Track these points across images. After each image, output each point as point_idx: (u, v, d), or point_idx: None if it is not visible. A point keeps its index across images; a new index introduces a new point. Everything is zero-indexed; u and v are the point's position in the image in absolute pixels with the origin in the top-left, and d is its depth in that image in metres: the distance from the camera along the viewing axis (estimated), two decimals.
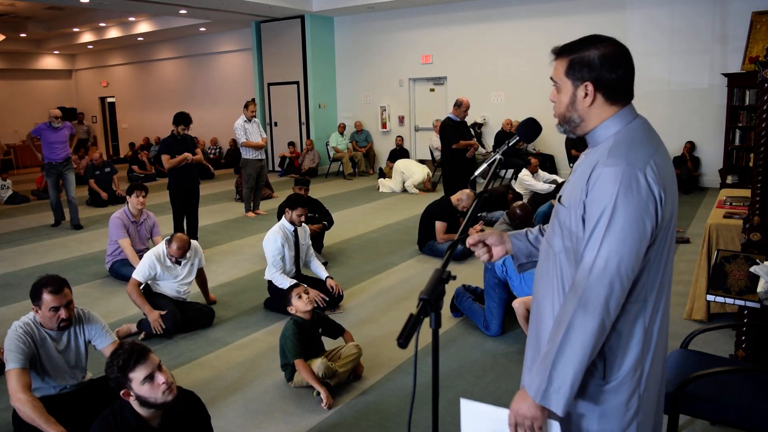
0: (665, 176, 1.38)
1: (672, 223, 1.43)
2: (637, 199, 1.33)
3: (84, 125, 14.08)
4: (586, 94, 1.44)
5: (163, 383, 2.12)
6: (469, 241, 1.70)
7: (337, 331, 3.59)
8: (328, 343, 3.61)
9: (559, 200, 1.54)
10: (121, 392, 2.13)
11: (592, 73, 1.42)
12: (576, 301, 1.36)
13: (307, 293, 3.42)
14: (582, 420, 1.46)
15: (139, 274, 4.16)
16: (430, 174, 10.30)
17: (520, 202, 5.01)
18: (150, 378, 2.10)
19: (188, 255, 4.32)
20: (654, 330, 1.45)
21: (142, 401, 2.13)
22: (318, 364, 3.18)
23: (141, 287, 4.18)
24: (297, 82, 12.71)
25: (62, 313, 2.70)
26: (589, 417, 1.45)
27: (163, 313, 4.06)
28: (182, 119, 6.28)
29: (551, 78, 1.51)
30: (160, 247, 4.27)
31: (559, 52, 1.48)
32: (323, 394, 3.11)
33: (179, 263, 4.28)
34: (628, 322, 1.41)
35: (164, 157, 6.22)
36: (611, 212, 1.34)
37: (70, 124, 7.86)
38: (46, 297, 2.65)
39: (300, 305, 3.38)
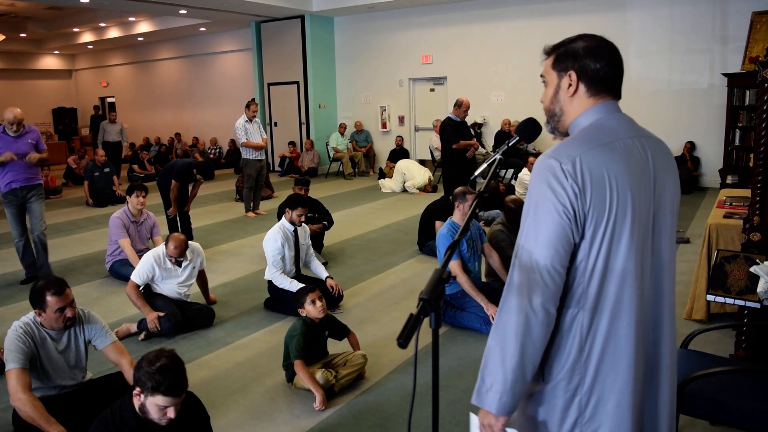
0: (597, 173, 1.31)
1: (615, 229, 1.33)
2: (551, 190, 1.31)
3: (117, 124, 12.26)
4: (570, 84, 1.44)
5: (169, 417, 2.13)
6: None
7: (342, 332, 3.59)
8: (333, 345, 3.61)
9: None
10: (135, 391, 2.14)
11: (576, 63, 1.43)
12: (505, 299, 1.37)
13: (321, 300, 3.40)
14: (530, 421, 1.46)
15: (137, 276, 4.16)
16: (432, 178, 10.30)
17: (513, 196, 5.03)
18: (165, 408, 2.12)
19: (189, 257, 4.31)
20: (597, 341, 1.36)
21: (144, 412, 2.14)
22: (319, 376, 3.18)
23: (140, 288, 4.18)
24: (297, 82, 12.71)
25: (68, 313, 2.71)
26: (535, 417, 1.44)
27: (161, 314, 4.06)
28: (208, 173, 6.49)
29: (541, 75, 1.52)
30: (160, 249, 4.27)
31: (550, 50, 1.50)
32: (318, 397, 3.11)
33: (179, 265, 4.27)
34: (564, 327, 1.38)
35: (173, 183, 6.39)
36: (529, 203, 1.36)
37: (36, 130, 5.32)
38: (50, 299, 2.65)
39: (313, 311, 3.36)
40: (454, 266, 4.08)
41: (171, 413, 2.12)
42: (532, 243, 1.33)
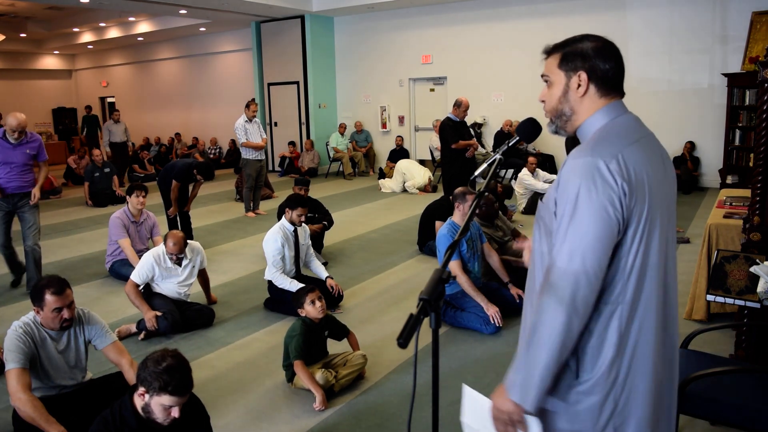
0: (637, 170, 1.34)
1: (650, 225, 1.37)
2: (598, 189, 1.31)
3: (121, 123, 12.04)
4: (579, 84, 1.44)
5: (173, 417, 2.13)
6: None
7: (342, 332, 3.59)
8: (333, 345, 3.61)
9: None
10: (138, 391, 2.14)
11: (585, 63, 1.44)
12: (544, 298, 1.36)
13: (321, 300, 3.40)
14: (555, 417, 1.44)
15: (137, 275, 4.16)
16: (432, 178, 10.30)
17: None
18: (169, 408, 2.12)
19: (189, 256, 4.31)
20: (631, 334, 1.38)
21: (147, 412, 2.14)
22: (318, 376, 3.19)
23: (140, 288, 4.18)
24: (297, 82, 12.71)
25: (65, 314, 2.71)
26: (561, 415, 1.43)
27: (159, 314, 4.06)
28: (208, 174, 6.51)
29: (542, 75, 1.52)
30: (160, 248, 4.27)
31: (552, 50, 1.50)
32: (318, 397, 3.11)
33: (179, 263, 4.27)
34: (602, 323, 1.38)
35: (174, 183, 6.40)
36: (574, 204, 1.34)
37: (39, 139, 5.09)
38: (49, 298, 2.66)
39: (312, 312, 3.36)
40: (454, 266, 4.08)
41: (175, 413, 2.12)
42: (577, 244, 1.31)
